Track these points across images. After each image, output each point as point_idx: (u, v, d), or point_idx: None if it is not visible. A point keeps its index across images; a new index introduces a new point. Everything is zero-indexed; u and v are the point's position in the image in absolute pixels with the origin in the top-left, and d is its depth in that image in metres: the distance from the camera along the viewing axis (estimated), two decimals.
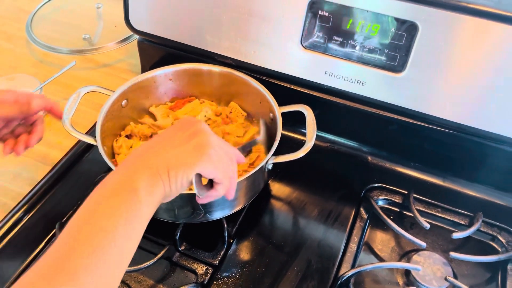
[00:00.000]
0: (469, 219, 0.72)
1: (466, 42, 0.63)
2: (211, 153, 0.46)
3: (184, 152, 0.45)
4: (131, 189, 0.41)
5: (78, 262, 0.36)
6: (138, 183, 0.41)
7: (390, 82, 0.70)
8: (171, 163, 0.43)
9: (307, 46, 0.73)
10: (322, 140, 0.84)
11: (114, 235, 0.38)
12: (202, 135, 0.47)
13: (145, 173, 0.42)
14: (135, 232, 0.41)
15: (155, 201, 0.43)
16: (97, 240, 0.37)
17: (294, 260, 0.67)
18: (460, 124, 0.70)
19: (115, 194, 0.40)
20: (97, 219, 0.39)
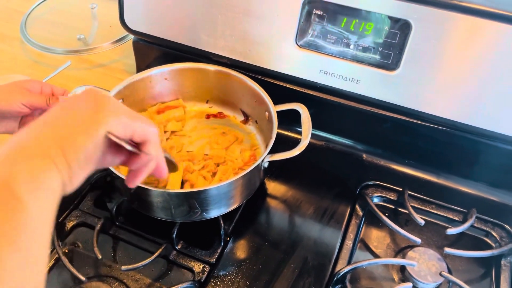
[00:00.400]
0: (463, 215, 0.73)
1: (459, 40, 0.64)
2: (113, 107, 0.37)
3: (76, 117, 0.35)
4: (10, 196, 0.30)
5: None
6: (17, 184, 0.31)
7: (384, 80, 0.71)
8: (62, 135, 0.34)
9: (301, 45, 0.74)
10: (317, 139, 0.84)
11: (5, 255, 0.29)
12: (90, 95, 0.37)
13: (24, 167, 0.31)
14: (30, 245, 0.31)
15: (49, 197, 0.33)
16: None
17: (291, 257, 0.68)
18: (453, 121, 0.71)
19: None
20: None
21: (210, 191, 0.61)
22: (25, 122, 0.70)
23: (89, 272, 0.66)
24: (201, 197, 0.61)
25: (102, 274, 0.65)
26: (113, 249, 0.69)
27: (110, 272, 0.66)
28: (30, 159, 0.32)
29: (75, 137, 0.34)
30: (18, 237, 0.30)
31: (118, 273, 0.65)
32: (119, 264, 0.66)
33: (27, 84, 0.68)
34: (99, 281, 0.64)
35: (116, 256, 0.68)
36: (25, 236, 0.30)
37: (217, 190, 0.62)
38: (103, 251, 0.66)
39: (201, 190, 0.61)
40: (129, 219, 0.71)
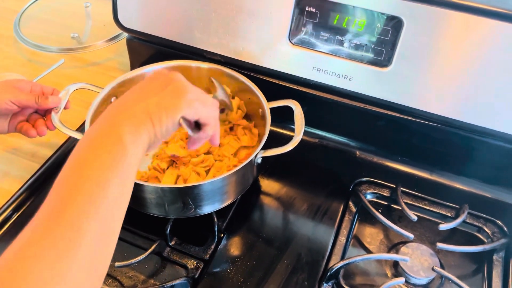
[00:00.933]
0: (455, 211, 0.73)
1: (451, 36, 0.65)
2: (190, 96, 0.47)
3: (164, 98, 0.46)
4: (116, 139, 0.41)
5: (77, 211, 0.36)
6: (122, 133, 0.41)
7: (376, 76, 0.71)
8: (153, 110, 0.44)
9: (295, 42, 0.74)
10: (310, 136, 0.84)
11: (107, 185, 0.39)
12: (176, 81, 0.48)
13: (127, 122, 0.42)
14: (126, 180, 0.41)
15: (140, 149, 0.43)
16: (91, 189, 0.38)
17: (284, 253, 0.68)
18: (446, 118, 0.71)
19: (101, 146, 0.40)
20: (88, 171, 0.39)
21: (203, 186, 0.61)
22: (15, 122, 0.70)
23: None
24: (195, 192, 0.61)
25: None
26: None
27: None
28: (133, 118, 0.43)
29: (161, 115, 0.45)
30: (119, 167, 0.40)
31: (112, 270, 0.65)
32: (112, 261, 0.66)
33: (16, 83, 0.68)
34: None
35: None
36: (122, 168, 0.40)
37: (210, 185, 0.62)
38: None
39: (194, 185, 0.61)
40: None
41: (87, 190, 0.38)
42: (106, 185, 0.39)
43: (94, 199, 0.38)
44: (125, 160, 0.40)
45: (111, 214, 0.39)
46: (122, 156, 0.40)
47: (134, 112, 0.43)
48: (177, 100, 0.46)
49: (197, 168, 0.69)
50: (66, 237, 0.35)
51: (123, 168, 0.40)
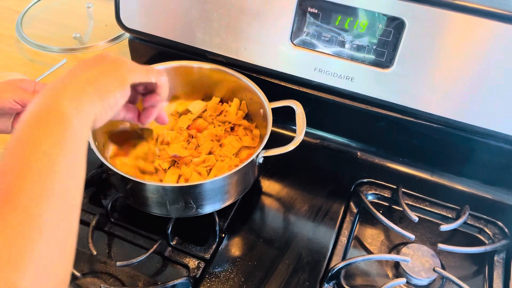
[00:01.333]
0: (456, 212, 0.73)
1: (452, 38, 0.65)
2: (130, 64, 0.48)
3: (107, 67, 0.45)
4: (57, 112, 0.39)
5: (29, 194, 0.34)
6: (63, 105, 0.39)
7: (378, 77, 0.72)
8: (96, 79, 0.43)
9: (296, 43, 0.74)
10: (312, 137, 0.85)
11: (56, 161, 0.36)
12: (112, 56, 0.47)
13: (67, 95, 0.41)
14: (75, 153, 0.39)
15: (85, 120, 0.41)
16: (39, 169, 0.35)
17: (285, 253, 0.68)
18: (446, 119, 0.71)
19: (43, 122, 0.38)
20: (33, 150, 0.36)
21: (205, 185, 0.61)
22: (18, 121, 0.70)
23: (84, 268, 0.66)
24: (196, 191, 0.61)
25: (97, 271, 0.65)
26: (108, 246, 0.69)
27: (105, 268, 0.66)
28: (75, 91, 0.41)
29: (107, 84, 0.44)
30: (66, 145, 0.37)
31: (113, 269, 0.65)
32: (114, 261, 0.66)
33: (20, 82, 0.68)
34: (94, 277, 0.64)
35: (111, 253, 0.68)
36: (71, 146, 0.38)
37: (211, 185, 0.62)
38: (98, 247, 0.66)
39: (196, 184, 0.61)
40: (124, 216, 0.71)
41: (36, 171, 0.35)
42: (55, 161, 0.36)
43: (44, 178, 0.35)
44: (70, 133, 0.38)
45: (66, 189, 0.36)
46: (68, 131, 0.38)
47: (74, 84, 0.42)
48: (120, 69, 0.46)
49: (199, 168, 0.69)
50: (22, 226, 0.32)
51: (69, 141, 0.38)
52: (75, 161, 0.38)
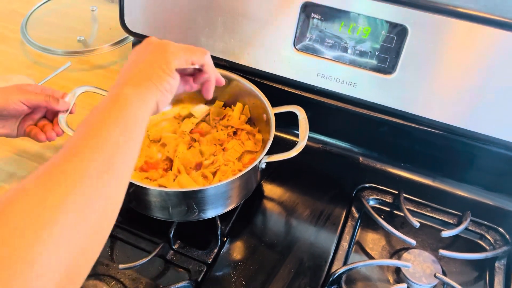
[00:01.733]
0: (457, 218, 0.74)
1: (455, 44, 0.65)
2: (173, 48, 0.54)
3: (152, 58, 0.52)
4: (124, 102, 0.46)
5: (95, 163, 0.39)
6: (126, 93, 0.47)
7: (380, 83, 0.72)
8: (147, 70, 0.51)
9: (299, 48, 0.75)
10: (314, 141, 0.85)
11: (123, 145, 0.43)
12: (155, 42, 0.55)
13: (128, 86, 0.48)
14: (137, 138, 0.45)
15: (148, 109, 0.49)
16: (111, 150, 0.41)
17: (287, 258, 0.68)
18: (449, 125, 0.72)
19: (112, 110, 0.45)
20: (101, 131, 0.42)
21: (207, 190, 0.62)
22: (24, 125, 0.70)
23: None
24: (199, 196, 0.62)
25: (99, 273, 0.66)
26: (110, 248, 0.69)
27: (107, 271, 0.66)
28: (131, 80, 0.49)
29: (158, 72, 0.51)
30: (126, 125, 0.44)
31: (115, 272, 0.66)
32: (116, 263, 0.66)
33: (26, 86, 0.69)
34: (96, 279, 0.65)
35: (113, 255, 0.68)
36: (130, 126, 0.44)
37: (214, 190, 0.62)
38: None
39: (198, 189, 0.61)
40: (127, 219, 0.72)
41: (102, 145, 0.41)
42: (122, 147, 0.42)
43: (100, 148, 0.40)
44: (135, 120, 0.45)
45: (118, 158, 0.41)
46: (132, 119, 0.45)
47: (131, 77, 0.49)
48: (164, 54, 0.53)
49: (205, 171, 0.69)
50: (95, 173, 0.38)
51: (133, 128, 0.45)
52: (136, 144, 0.45)
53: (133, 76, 0.50)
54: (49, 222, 0.34)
